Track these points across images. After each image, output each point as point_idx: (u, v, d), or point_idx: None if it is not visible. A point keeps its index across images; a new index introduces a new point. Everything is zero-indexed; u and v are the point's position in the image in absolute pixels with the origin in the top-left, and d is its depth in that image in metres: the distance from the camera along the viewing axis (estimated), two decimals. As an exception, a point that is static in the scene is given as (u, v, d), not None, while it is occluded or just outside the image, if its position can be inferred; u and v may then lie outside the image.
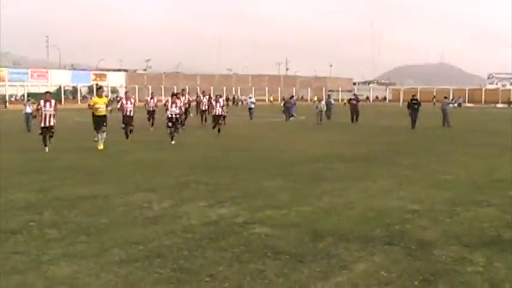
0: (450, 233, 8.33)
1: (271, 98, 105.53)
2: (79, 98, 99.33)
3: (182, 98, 30.13)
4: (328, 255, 7.15)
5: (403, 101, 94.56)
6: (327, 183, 12.89)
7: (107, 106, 21.48)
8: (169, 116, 23.95)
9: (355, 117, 40.67)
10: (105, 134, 20.95)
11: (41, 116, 20.21)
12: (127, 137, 24.04)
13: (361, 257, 7.08)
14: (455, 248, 7.51)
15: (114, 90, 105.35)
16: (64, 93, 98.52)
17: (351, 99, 44.69)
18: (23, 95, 58.61)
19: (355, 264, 6.81)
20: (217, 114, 28.51)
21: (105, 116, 21.25)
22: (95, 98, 22.23)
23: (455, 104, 37.05)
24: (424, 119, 35.48)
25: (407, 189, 12.15)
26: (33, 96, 45.90)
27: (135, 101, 25.28)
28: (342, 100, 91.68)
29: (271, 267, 6.66)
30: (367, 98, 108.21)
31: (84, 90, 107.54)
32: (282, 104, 49.75)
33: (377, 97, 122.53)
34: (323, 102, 42.64)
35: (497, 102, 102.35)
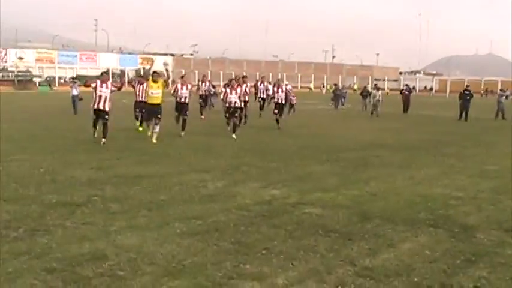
0: (492, 218, 8.72)
1: (311, 86, 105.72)
2: (126, 81, 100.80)
3: (244, 86, 23.58)
4: (376, 234, 7.62)
5: (450, 91, 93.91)
6: (373, 169, 13.32)
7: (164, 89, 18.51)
8: (228, 105, 20.65)
9: (406, 108, 39.71)
10: (158, 127, 18.05)
11: (95, 97, 17.24)
12: (182, 129, 20.10)
13: (407, 238, 7.54)
14: (497, 232, 7.91)
15: (161, 74, 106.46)
16: (112, 76, 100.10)
17: (402, 89, 43.37)
18: (72, 77, 60.05)
19: (401, 243, 7.28)
20: (279, 102, 24.83)
21: (159, 105, 18.07)
22: (150, 82, 18.31)
23: (504, 97, 35.99)
24: (473, 111, 35.32)
25: (452, 177, 12.50)
26: (81, 79, 46.65)
27: (192, 86, 21.86)
28: (388, 89, 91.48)
29: (322, 243, 7.15)
30: (414, 88, 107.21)
31: (132, 74, 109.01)
32: (329, 91, 49.11)
33: (425, 87, 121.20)
34: (380, 92, 37.73)
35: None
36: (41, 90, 79.57)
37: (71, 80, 61.92)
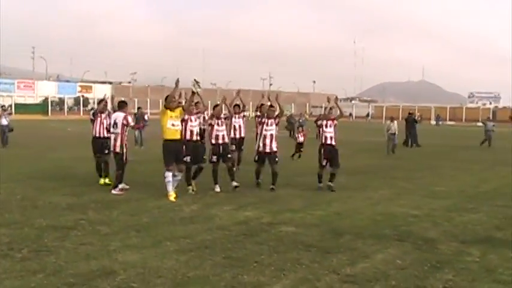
0: (449, 232, 9.89)
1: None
2: (66, 109, 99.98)
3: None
4: (350, 248, 8.61)
5: (386, 118, 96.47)
6: (332, 192, 14.30)
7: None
8: (214, 141, 14.76)
9: (409, 141, 34.38)
10: (181, 175, 13.64)
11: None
12: (193, 178, 14.59)
13: (378, 250, 8.57)
14: (455, 244, 9.05)
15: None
16: (51, 105, 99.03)
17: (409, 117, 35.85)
18: (1, 106, 56.98)
19: (374, 254, 8.30)
20: (328, 143, 15.36)
21: (181, 141, 13.54)
22: (166, 112, 13.09)
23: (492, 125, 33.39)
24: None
25: (406, 198, 13.72)
26: (20, 108, 45.28)
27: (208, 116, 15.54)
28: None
29: (305, 256, 8.07)
30: (350, 114, 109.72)
31: (70, 102, 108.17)
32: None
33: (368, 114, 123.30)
34: (395, 123, 30.03)
35: (478, 121, 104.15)
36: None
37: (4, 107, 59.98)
